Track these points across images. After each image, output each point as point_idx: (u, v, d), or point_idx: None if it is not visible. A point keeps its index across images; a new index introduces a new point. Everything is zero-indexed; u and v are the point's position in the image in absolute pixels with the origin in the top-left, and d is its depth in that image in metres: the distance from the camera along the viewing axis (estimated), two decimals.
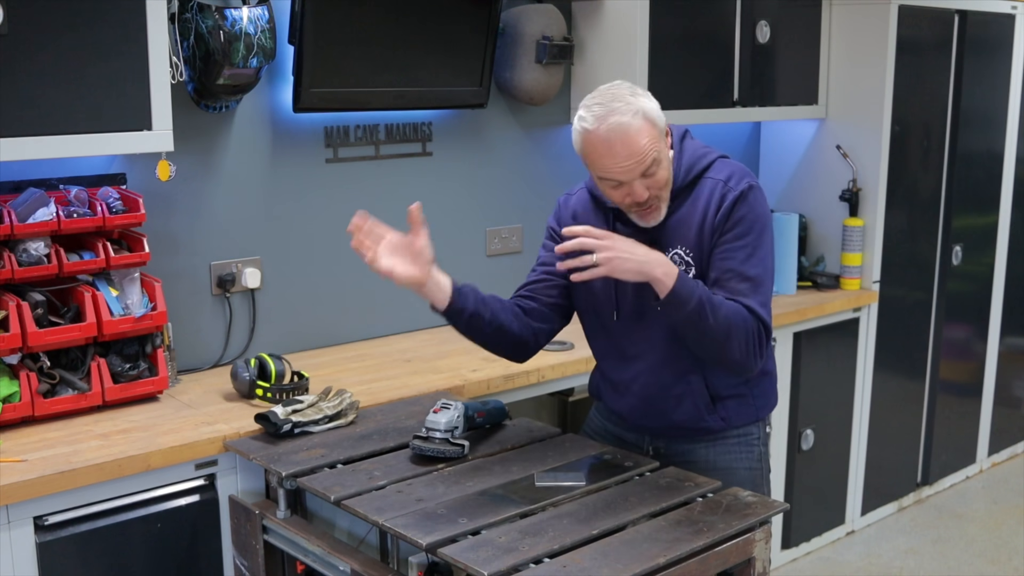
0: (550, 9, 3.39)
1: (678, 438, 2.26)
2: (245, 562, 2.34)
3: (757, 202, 2.11)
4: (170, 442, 2.32)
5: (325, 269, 3.18)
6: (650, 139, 2.01)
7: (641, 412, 2.26)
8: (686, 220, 2.13)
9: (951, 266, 4.42)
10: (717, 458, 2.24)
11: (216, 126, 2.91)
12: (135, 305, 2.60)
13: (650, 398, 2.23)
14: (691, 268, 2.12)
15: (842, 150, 4.07)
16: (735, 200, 2.09)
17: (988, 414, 4.83)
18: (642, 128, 2.00)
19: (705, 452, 2.25)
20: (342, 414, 2.46)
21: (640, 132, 2.00)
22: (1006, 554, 4.06)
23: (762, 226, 2.10)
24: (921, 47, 4.08)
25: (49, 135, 2.34)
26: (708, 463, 2.23)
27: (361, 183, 3.22)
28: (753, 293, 2.07)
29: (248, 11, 2.69)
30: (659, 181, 2.06)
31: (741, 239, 2.09)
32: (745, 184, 2.10)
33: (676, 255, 2.13)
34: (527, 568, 1.75)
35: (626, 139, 1.99)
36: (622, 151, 2.00)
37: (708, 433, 2.24)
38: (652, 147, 2.01)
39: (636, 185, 2.04)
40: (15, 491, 2.10)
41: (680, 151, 2.15)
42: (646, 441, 2.31)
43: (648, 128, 2.01)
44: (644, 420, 2.27)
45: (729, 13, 3.65)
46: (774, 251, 2.15)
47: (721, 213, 2.09)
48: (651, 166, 2.02)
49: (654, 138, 2.02)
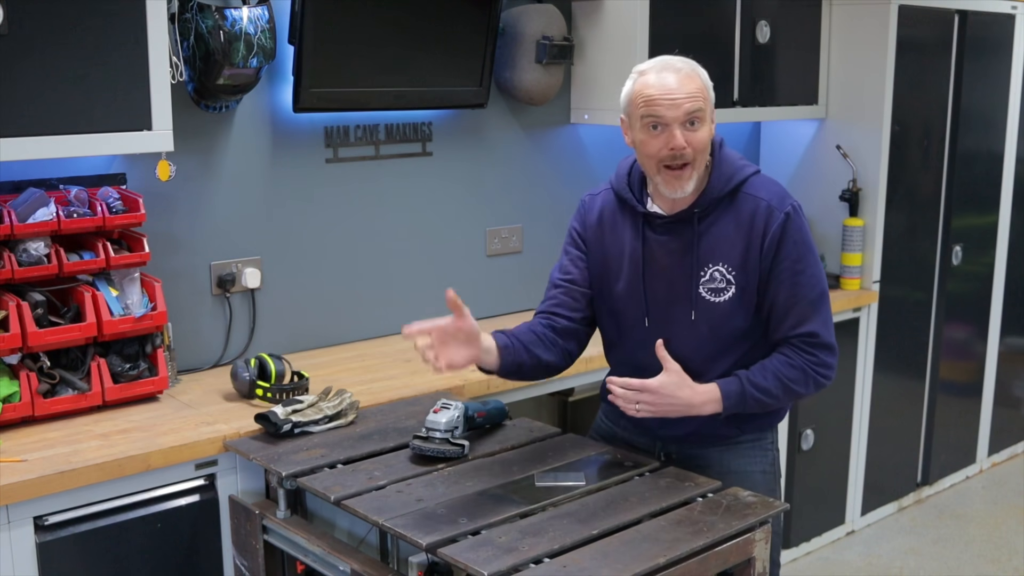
0: (550, 9, 3.39)
1: (691, 444, 2.25)
2: (245, 562, 2.34)
3: (802, 221, 2.16)
4: (170, 442, 2.32)
5: (325, 269, 3.18)
6: (699, 88, 2.07)
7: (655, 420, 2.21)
8: (729, 237, 2.13)
9: (951, 266, 4.42)
10: (731, 462, 2.24)
11: (216, 126, 2.91)
12: (135, 305, 2.60)
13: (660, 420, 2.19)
14: (731, 286, 2.12)
15: (842, 150, 4.07)
16: (784, 225, 2.11)
17: (988, 414, 4.83)
18: (695, 77, 2.07)
19: (719, 456, 2.24)
20: (342, 414, 2.46)
21: (693, 76, 2.07)
22: (1006, 554, 4.06)
23: (809, 245, 2.15)
24: (921, 47, 4.08)
25: (49, 135, 2.34)
26: (722, 466, 2.22)
27: (361, 183, 3.22)
28: (816, 313, 2.13)
29: (248, 11, 2.69)
30: (698, 139, 2.06)
31: (798, 263, 2.12)
32: (788, 207, 2.13)
33: (717, 271, 2.13)
34: (527, 568, 1.75)
35: (679, 76, 2.06)
36: (674, 83, 2.04)
37: (722, 440, 2.24)
38: (701, 95, 2.06)
39: (676, 129, 2.04)
40: (15, 491, 2.10)
41: (719, 159, 2.16)
42: (658, 447, 2.29)
43: (700, 81, 2.07)
44: (658, 427, 2.26)
45: (729, 13, 3.65)
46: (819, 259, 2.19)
47: (770, 240, 2.11)
48: (696, 113, 2.05)
49: (705, 93, 2.08)
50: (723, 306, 2.13)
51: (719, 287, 2.13)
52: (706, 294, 2.14)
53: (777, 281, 2.12)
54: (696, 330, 2.15)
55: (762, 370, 2.13)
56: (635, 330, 2.22)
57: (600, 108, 3.53)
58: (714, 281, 2.14)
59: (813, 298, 2.13)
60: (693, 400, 2.10)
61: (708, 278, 2.14)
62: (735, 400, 2.11)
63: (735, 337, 2.15)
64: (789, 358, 2.13)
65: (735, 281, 2.13)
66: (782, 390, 2.12)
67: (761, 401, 2.12)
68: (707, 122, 2.08)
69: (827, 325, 2.15)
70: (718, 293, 2.14)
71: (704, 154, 2.10)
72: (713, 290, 2.14)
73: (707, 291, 2.14)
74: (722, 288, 2.13)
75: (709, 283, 2.14)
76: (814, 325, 2.13)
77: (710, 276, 2.14)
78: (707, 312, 2.14)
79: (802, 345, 2.13)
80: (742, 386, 2.11)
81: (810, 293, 2.13)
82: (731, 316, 2.14)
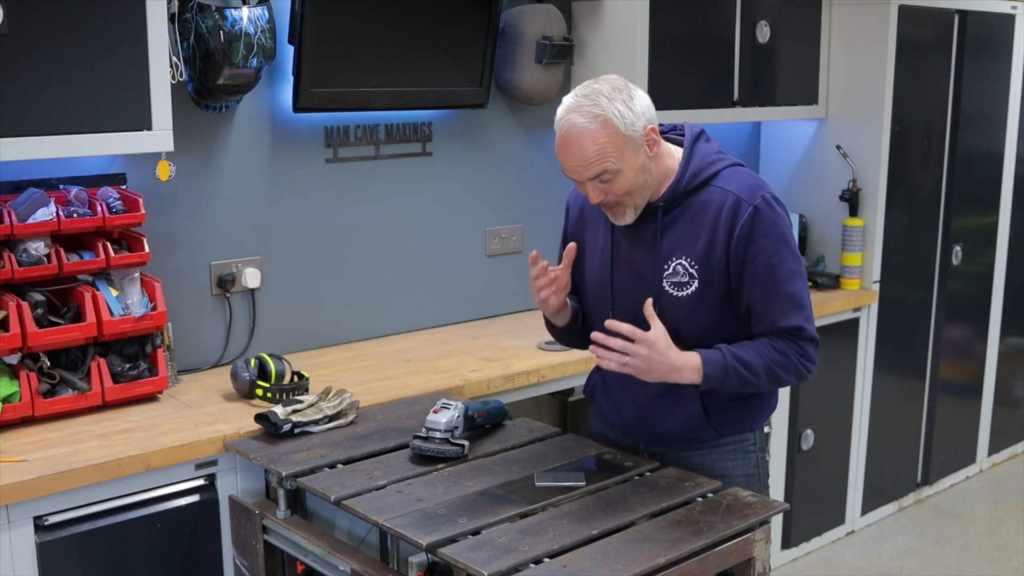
0: (550, 9, 3.39)
1: (673, 445, 2.24)
2: (245, 562, 2.34)
3: (775, 214, 2.07)
4: (170, 442, 2.32)
5: (325, 269, 3.18)
6: (600, 148, 1.97)
7: (634, 418, 2.25)
8: (692, 230, 2.09)
9: (951, 266, 4.42)
10: (713, 465, 2.21)
11: (216, 126, 2.91)
12: (135, 305, 2.60)
13: (642, 404, 2.22)
14: (694, 280, 2.08)
15: (842, 150, 4.07)
16: (752, 218, 2.05)
17: (988, 414, 4.83)
18: (596, 136, 1.97)
19: (701, 459, 2.22)
20: (342, 414, 2.46)
21: (591, 139, 1.97)
22: (1006, 554, 4.06)
23: (784, 237, 2.08)
24: (921, 47, 4.08)
25: (49, 135, 2.34)
26: (704, 471, 2.20)
27: (361, 183, 3.22)
28: (797, 308, 2.08)
29: (248, 11, 2.69)
30: (617, 188, 2.02)
31: (772, 258, 2.06)
32: (759, 199, 2.06)
33: (680, 265, 2.10)
34: (527, 568, 1.75)
35: (576, 142, 1.99)
36: (571, 152, 2.01)
37: (702, 441, 2.22)
38: (601, 155, 1.98)
39: (588, 186, 2.04)
40: (15, 491, 2.10)
41: (690, 155, 2.12)
42: (641, 448, 2.29)
43: (603, 136, 1.97)
44: (638, 427, 2.26)
45: (729, 13, 3.65)
46: (797, 250, 2.12)
47: (739, 235, 2.05)
48: (602, 174, 2.00)
49: (609, 147, 1.98)
50: (686, 300, 2.09)
51: (682, 281, 2.10)
52: (670, 288, 2.11)
53: (752, 278, 2.07)
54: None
55: (746, 347, 2.08)
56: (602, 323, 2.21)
57: None
58: (677, 275, 2.10)
59: (792, 292, 2.07)
60: (676, 362, 2.02)
61: (671, 271, 2.10)
62: (716, 370, 2.03)
63: (701, 333, 2.11)
64: (775, 343, 2.08)
65: (698, 275, 2.08)
66: (765, 371, 2.06)
67: (743, 377, 2.04)
68: (625, 167, 2.00)
69: (809, 319, 2.10)
70: (681, 287, 2.10)
71: (634, 192, 2.05)
72: (676, 284, 2.10)
73: (670, 285, 2.10)
74: (685, 282, 2.09)
75: (672, 277, 2.10)
76: (797, 320, 2.07)
77: (673, 270, 2.10)
78: (671, 306, 2.11)
79: (788, 337, 2.09)
80: (724, 358, 2.05)
81: (788, 288, 2.07)
82: (694, 311, 2.10)
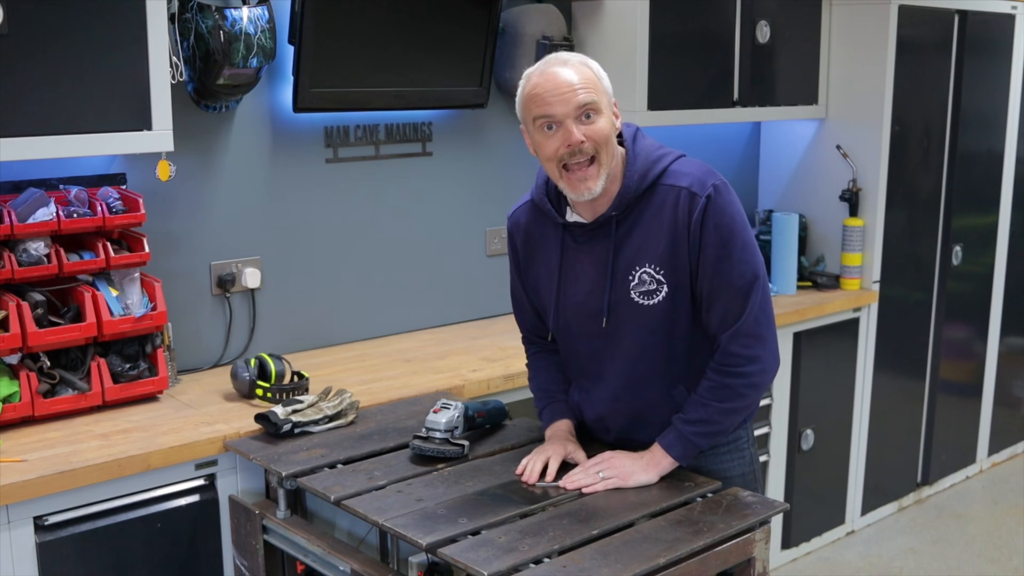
0: (550, 9, 3.39)
1: None
2: (245, 562, 2.34)
3: (726, 202, 2.01)
4: (170, 442, 2.32)
5: (325, 269, 3.18)
6: (590, 79, 1.98)
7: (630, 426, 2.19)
8: (652, 234, 2.03)
9: (951, 266, 4.42)
10: (710, 465, 2.18)
11: (216, 126, 2.91)
12: (135, 305, 2.60)
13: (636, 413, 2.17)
14: (662, 286, 2.03)
15: (842, 150, 4.07)
16: (704, 209, 1.99)
17: (988, 414, 4.83)
18: (583, 69, 1.98)
19: (697, 461, 2.17)
20: (342, 414, 2.46)
21: (580, 69, 1.98)
22: (1006, 554, 4.06)
23: (739, 225, 2.02)
24: (921, 47, 4.08)
25: (49, 135, 2.34)
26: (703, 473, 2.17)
27: (361, 183, 3.22)
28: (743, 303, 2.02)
29: (248, 11, 2.69)
30: (596, 130, 1.96)
31: (722, 248, 2.00)
32: (710, 188, 1.99)
33: (645, 273, 2.04)
34: (527, 568, 1.75)
35: (567, 70, 1.97)
36: (563, 79, 1.96)
37: None
38: (592, 85, 1.97)
39: (571, 124, 1.95)
40: (15, 491, 2.10)
41: (633, 154, 2.05)
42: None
43: (589, 72, 1.99)
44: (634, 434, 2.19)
45: (729, 13, 3.65)
46: (753, 239, 2.06)
47: (694, 226, 1.99)
48: (588, 106, 1.95)
49: (595, 83, 1.98)
50: (657, 308, 2.04)
51: (650, 289, 2.04)
52: (638, 298, 2.05)
53: (703, 269, 2.01)
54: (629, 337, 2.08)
55: (693, 404, 2.07)
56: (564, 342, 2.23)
57: None
58: (644, 284, 2.04)
59: (741, 285, 2.01)
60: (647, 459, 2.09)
61: (637, 281, 2.05)
62: (678, 445, 2.07)
63: (679, 338, 2.07)
64: (711, 380, 2.06)
65: (666, 280, 2.03)
66: (720, 413, 2.06)
67: (704, 433, 2.07)
68: (604, 113, 1.98)
69: (762, 314, 2.03)
70: (650, 295, 2.04)
71: (608, 147, 1.98)
72: (644, 293, 2.04)
73: (639, 295, 2.05)
74: (653, 290, 2.04)
75: (640, 286, 2.05)
76: (738, 316, 2.01)
77: (639, 279, 2.04)
78: (642, 316, 2.05)
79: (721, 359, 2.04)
80: (680, 435, 2.07)
81: (738, 280, 2.01)
82: (666, 316, 2.05)
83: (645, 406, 2.15)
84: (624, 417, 2.19)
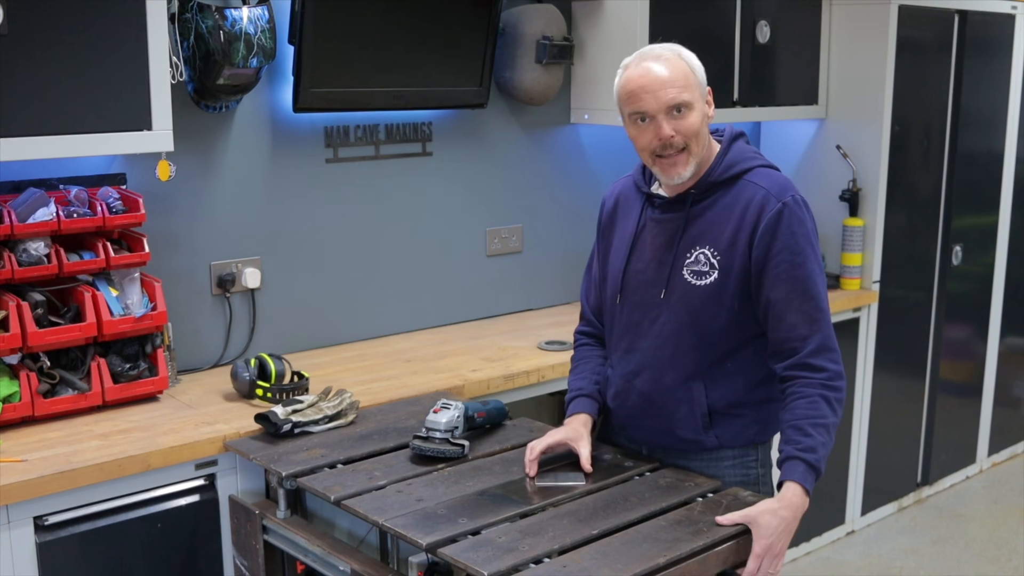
0: (550, 9, 3.39)
1: (674, 452, 2.22)
2: (245, 562, 2.34)
3: (802, 216, 2.08)
4: (170, 442, 2.32)
5: (325, 269, 3.18)
6: (683, 75, 2.04)
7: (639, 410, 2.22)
8: (720, 221, 2.10)
9: (951, 266, 4.42)
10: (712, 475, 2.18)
11: (216, 126, 2.91)
12: (135, 305, 2.60)
13: (649, 395, 2.19)
14: (714, 271, 2.09)
15: (842, 150, 4.07)
16: (779, 213, 2.05)
17: (988, 414, 4.83)
18: (677, 63, 2.05)
19: (701, 468, 2.19)
20: (342, 414, 2.46)
21: (674, 63, 2.05)
22: (1006, 554, 4.06)
23: (808, 238, 2.08)
24: (921, 47, 4.08)
25: (49, 135, 2.34)
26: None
27: (361, 183, 3.22)
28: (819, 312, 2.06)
29: (248, 11, 2.69)
30: (687, 125, 2.04)
31: (797, 256, 2.05)
32: (788, 197, 2.07)
33: (702, 254, 2.11)
34: (527, 568, 1.75)
35: (659, 66, 2.04)
36: (653, 74, 2.03)
37: (703, 450, 2.19)
38: (684, 81, 2.04)
39: (662, 120, 2.03)
40: (15, 491, 2.10)
41: (727, 149, 2.15)
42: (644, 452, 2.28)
43: (683, 66, 2.05)
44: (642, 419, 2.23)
45: (729, 13, 3.66)
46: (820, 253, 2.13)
47: (764, 229, 2.05)
48: (680, 103, 2.03)
49: (688, 77, 2.05)
50: (704, 290, 2.10)
51: (702, 270, 2.10)
52: (689, 276, 2.11)
53: (775, 275, 2.06)
54: (673, 312, 2.13)
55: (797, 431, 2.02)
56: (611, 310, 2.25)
57: (600, 108, 3.53)
58: (698, 263, 2.11)
59: (815, 294, 2.06)
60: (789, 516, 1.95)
61: (693, 260, 2.11)
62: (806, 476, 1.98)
63: (715, 329, 2.11)
64: (806, 396, 2.03)
65: (718, 265, 2.09)
66: (824, 432, 2.02)
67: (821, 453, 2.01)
68: (695, 108, 2.05)
69: (830, 324, 2.09)
70: (701, 276, 2.10)
71: (699, 138, 2.07)
72: (696, 272, 2.11)
73: (690, 273, 2.11)
74: (705, 271, 2.10)
75: (694, 265, 2.11)
76: (818, 328, 2.05)
77: (695, 258, 2.11)
78: (688, 295, 2.11)
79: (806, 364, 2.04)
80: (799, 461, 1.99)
81: (812, 288, 2.06)
82: (709, 301, 2.09)
83: (660, 389, 2.17)
84: (637, 395, 2.21)
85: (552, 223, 3.70)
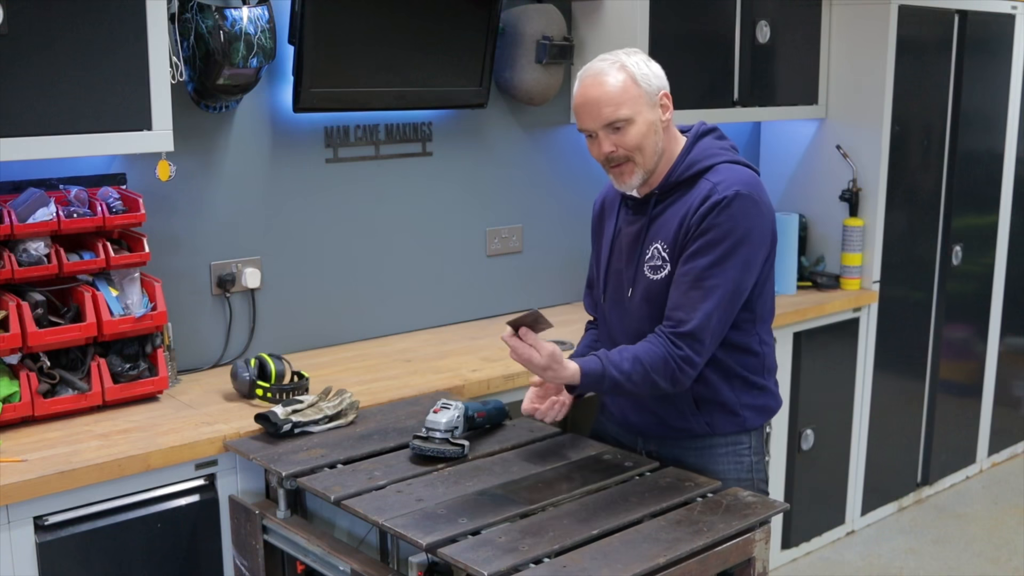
0: (550, 9, 3.39)
1: (667, 441, 2.26)
2: (245, 562, 2.34)
3: (741, 212, 2.05)
4: (170, 442, 2.32)
5: (325, 269, 3.18)
6: (620, 90, 2.07)
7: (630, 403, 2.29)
8: (673, 217, 2.15)
9: (951, 266, 4.42)
10: (706, 465, 2.22)
11: (216, 126, 2.91)
12: (135, 305, 2.60)
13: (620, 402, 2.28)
14: (666, 264, 2.14)
15: (842, 150, 4.07)
16: (715, 204, 2.06)
17: (988, 414, 4.83)
18: (617, 80, 2.07)
19: (695, 458, 2.23)
20: (342, 414, 2.46)
21: (612, 79, 2.07)
22: (1006, 554, 4.06)
23: (739, 238, 2.05)
24: (921, 47, 4.08)
25: (49, 135, 2.34)
26: (697, 470, 2.20)
27: (361, 183, 3.22)
28: (701, 300, 2.05)
29: (248, 11, 2.69)
30: (627, 140, 2.08)
31: (711, 245, 2.06)
32: (732, 191, 2.05)
33: (656, 249, 2.16)
34: (527, 568, 1.75)
35: (593, 86, 2.08)
36: (590, 95, 2.08)
37: (693, 437, 2.23)
38: (621, 97, 2.06)
39: (602, 136, 2.09)
40: (15, 491, 2.10)
41: (690, 147, 2.17)
42: (639, 443, 2.33)
43: (620, 83, 2.07)
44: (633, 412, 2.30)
45: (729, 13, 3.65)
46: (756, 268, 2.10)
47: (698, 215, 2.08)
48: (616, 120, 2.07)
49: (627, 91, 2.07)
50: (660, 283, 2.15)
51: (657, 264, 2.16)
52: (648, 272, 2.18)
53: (687, 255, 2.09)
54: (639, 309, 2.19)
55: (621, 352, 2.07)
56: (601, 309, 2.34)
57: None
58: (654, 259, 2.17)
59: (708, 285, 2.05)
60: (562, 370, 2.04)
61: (650, 256, 2.17)
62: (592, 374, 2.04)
63: None
64: (652, 344, 2.07)
65: (669, 258, 2.14)
66: (642, 377, 2.04)
67: (618, 384, 2.05)
68: (636, 120, 2.08)
69: (708, 318, 2.05)
70: (656, 271, 2.16)
71: (643, 149, 2.10)
72: (653, 267, 2.17)
73: (648, 268, 2.18)
74: (659, 265, 2.16)
75: (651, 260, 2.17)
76: (692, 313, 2.05)
77: (651, 254, 2.17)
78: (647, 290, 2.17)
79: (670, 333, 2.07)
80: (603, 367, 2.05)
81: (707, 280, 2.05)
82: (665, 294, 2.14)
83: None
84: None
85: (552, 223, 3.70)
